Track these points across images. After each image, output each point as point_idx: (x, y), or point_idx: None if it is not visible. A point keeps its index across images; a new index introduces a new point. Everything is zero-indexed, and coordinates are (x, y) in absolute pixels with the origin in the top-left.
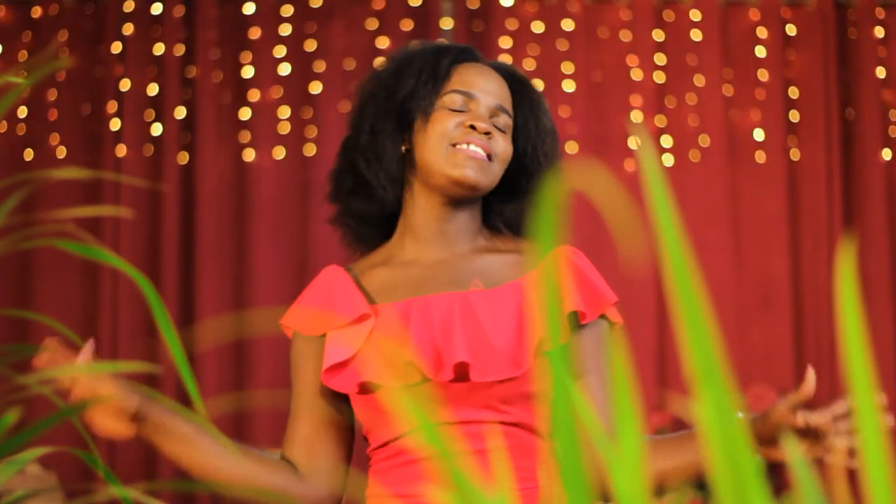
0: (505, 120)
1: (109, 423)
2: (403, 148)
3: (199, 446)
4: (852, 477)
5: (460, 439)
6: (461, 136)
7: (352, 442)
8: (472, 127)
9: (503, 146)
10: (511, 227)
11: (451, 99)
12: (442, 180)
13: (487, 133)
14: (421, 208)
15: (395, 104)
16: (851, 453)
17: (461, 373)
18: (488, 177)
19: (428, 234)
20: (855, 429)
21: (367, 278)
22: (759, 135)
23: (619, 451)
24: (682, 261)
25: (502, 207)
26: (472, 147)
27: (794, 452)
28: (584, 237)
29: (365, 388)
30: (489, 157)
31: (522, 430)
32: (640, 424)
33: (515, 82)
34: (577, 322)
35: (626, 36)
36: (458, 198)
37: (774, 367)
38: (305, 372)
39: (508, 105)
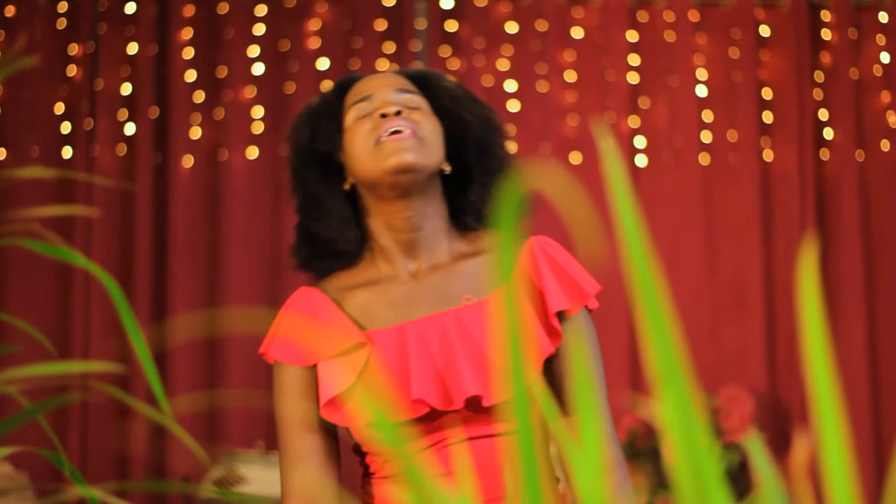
0: (415, 99)
1: None
2: (346, 186)
3: None
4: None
5: (473, 456)
6: (377, 130)
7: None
8: (383, 116)
9: (423, 119)
10: (479, 218)
11: (354, 112)
12: (384, 178)
13: (399, 112)
14: (380, 226)
15: (310, 154)
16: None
17: (473, 404)
18: (423, 153)
19: (397, 248)
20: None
21: (347, 302)
22: (732, 136)
23: (581, 448)
24: (644, 262)
25: (463, 199)
26: (392, 134)
27: (757, 453)
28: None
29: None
30: (414, 133)
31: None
32: (607, 423)
33: (414, 76)
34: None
35: (599, 37)
36: (408, 189)
37: (747, 368)
38: (294, 406)
39: (411, 87)
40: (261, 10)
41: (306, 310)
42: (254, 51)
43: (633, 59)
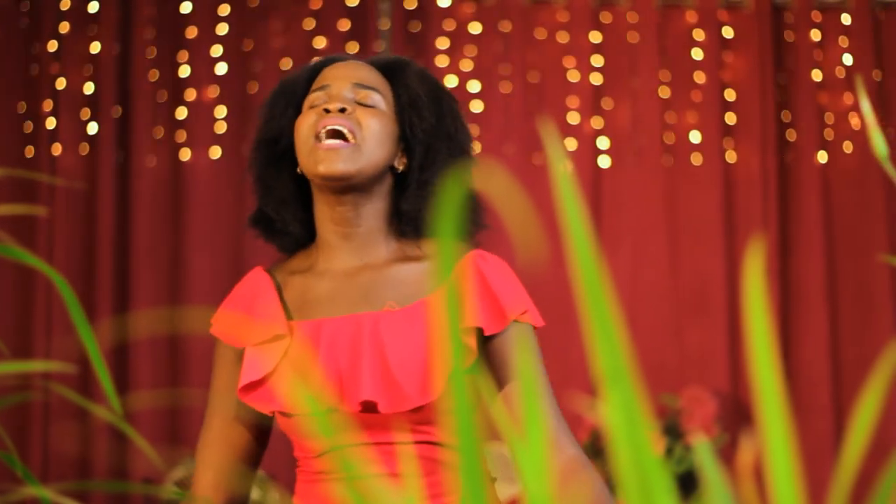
0: (372, 96)
1: None
2: (298, 170)
3: None
4: (760, 478)
5: (374, 461)
6: (317, 124)
7: (263, 446)
8: (327, 111)
9: (370, 121)
10: (416, 226)
11: (310, 99)
12: (318, 180)
13: (343, 110)
14: (322, 216)
15: (265, 133)
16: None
17: (368, 408)
18: (356, 159)
19: (335, 241)
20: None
21: (287, 288)
22: (695, 137)
23: (526, 447)
24: (590, 263)
25: (400, 203)
26: (327, 139)
27: (703, 453)
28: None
29: (281, 411)
30: (350, 137)
31: (439, 448)
32: (560, 427)
33: (385, 66)
34: (482, 335)
35: (563, 37)
36: (343, 189)
37: (710, 369)
38: (220, 379)
39: (374, 82)
40: (224, 9)
41: (248, 292)
42: (217, 50)
43: (597, 60)
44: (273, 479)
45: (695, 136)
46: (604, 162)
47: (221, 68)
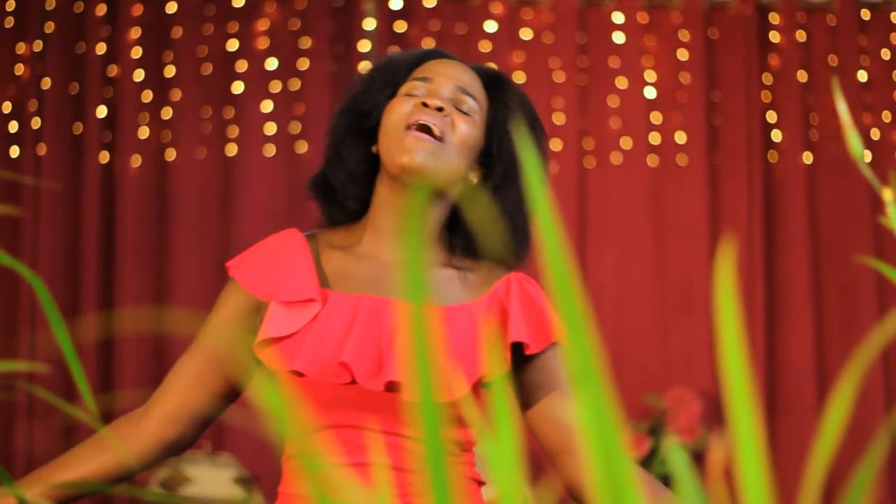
0: (469, 104)
1: None
2: (374, 149)
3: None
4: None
5: (378, 450)
6: (411, 115)
7: (230, 402)
8: (425, 105)
9: (462, 127)
10: (468, 242)
11: (409, 86)
12: (394, 168)
13: (441, 109)
14: (384, 203)
15: (355, 104)
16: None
17: (391, 388)
18: (439, 161)
19: (388, 230)
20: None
21: (325, 259)
22: (680, 138)
23: (496, 444)
24: (561, 263)
25: (461, 216)
26: (419, 131)
27: (674, 453)
28: None
29: (295, 373)
30: (441, 138)
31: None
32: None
33: (490, 78)
34: (523, 352)
35: (548, 38)
36: (412, 188)
37: (695, 369)
38: (222, 319)
39: (475, 91)
40: (209, 10)
41: (281, 248)
42: (202, 51)
43: (582, 61)
44: (257, 481)
45: (680, 137)
46: (589, 162)
47: (206, 68)
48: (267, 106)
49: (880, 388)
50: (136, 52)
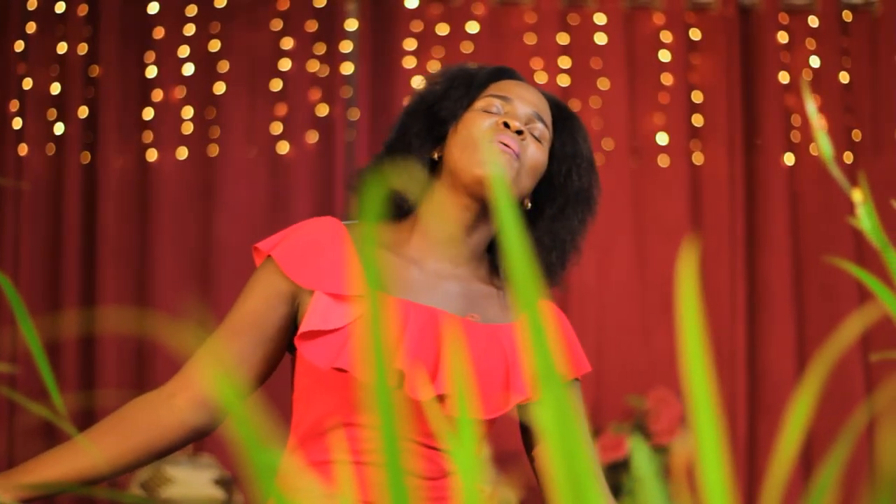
0: (541, 130)
1: None
2: (436, 155)
3: (73, 467)
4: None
5: (414, 459)
6: (494, 134)
7: (257, 388)
8: (506, 125)
9: (534, 152)
10: (502, 270)
11: (486, 102)
12: (468, 178)
13: (520, 133)
14: (442, 211)
15: (426, 107)
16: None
17: (434, 402)
18: (515, 179)
19: (440, 237)
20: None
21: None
22: (662, 139)
23: (458, 442)
24: (524, 264)
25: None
26: (502, 145)
27: (638, 452)
28: None
29: (338, 370)
30: (519, 157)
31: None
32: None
33: (558, 109)
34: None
35: (530, 39)
36: (480, 199)
37: (676, 370)
38: (259, 302)
39: (548, 119)
40: (191, 10)
41: (321, 236)
42: (184, 51)
43: (564, 62)
44: (237, 482)
45: (662, 138)
46: None
47: (188, 69)
48: (249, 107)
49: (861, 387)
50: (118, 53)
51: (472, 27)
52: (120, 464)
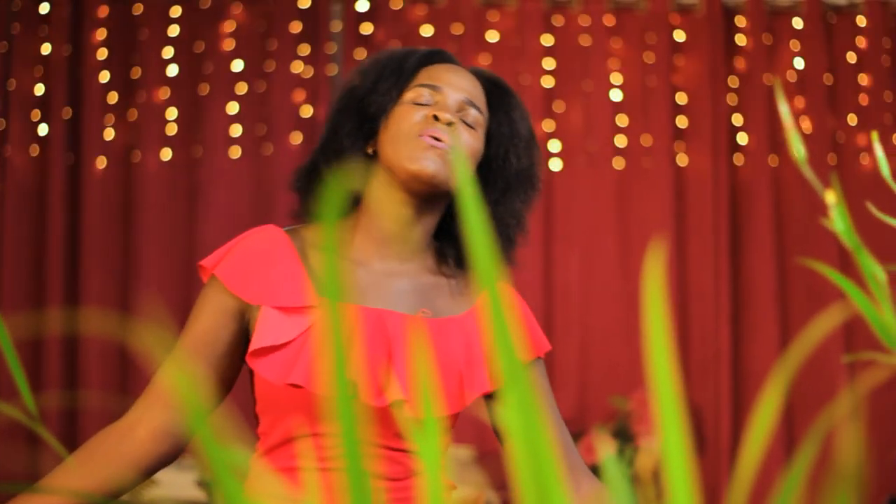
0: (474, 116)
1: None
2: (370, 150)
3: None
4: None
5: (378, 462)
6: (423, 128)
7: (218, 405)
8: (436, 118)
9: (469, 141)
10: (459, 252)
11: (416, 93)
12: (402, 175)
13: (451, 124)
14: (381, 209)
15: (356, 102)
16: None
17: (394, 406)
18: (448, 167)
19: (383, 235)
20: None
21: (313, 260)
22: (646, 140)
23: (423, 439)
24: (489, 264)
25: (454, 226)
26: (432, 139)
27: (605, 452)
28: None
29: (293, 386)
30: (451, 149)
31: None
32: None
33: (492, 85)
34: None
35: (514, 40)
36: (420, 196)
37: None
38: (207, 322)
39: (480, 102)
40: (175, 11)
41: (266, 248)
42: (168, 52)
43: (548, 63)
44: None
45: (646, 140)
46: (555, 165)
47: (173, 70)
48: (233, 108)
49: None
50: (102, 54)
51: (457, 28)
52: (91, 502)
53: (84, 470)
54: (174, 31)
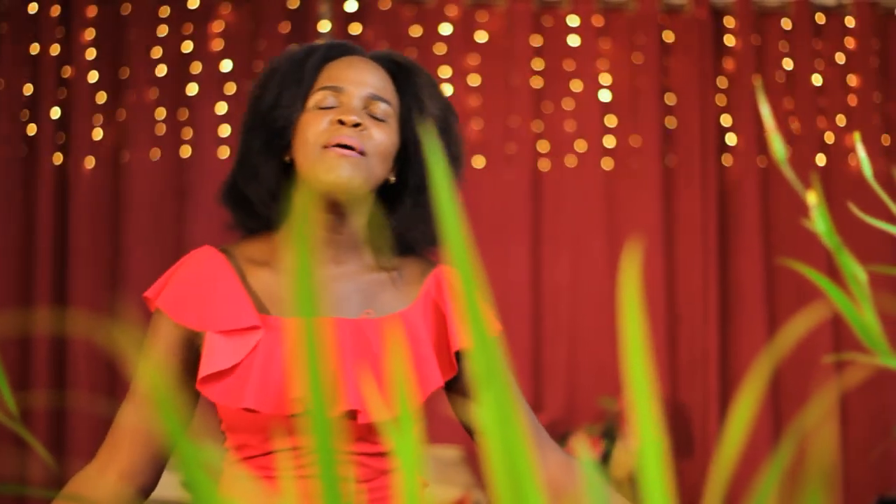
0: (383, 108)
1: None
2: (287, 158)
3: None
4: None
5: (348, 467)
6: (330, 135)
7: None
8: (341, 122)
9: (379, 137)
10: (398, 241)
11: (320, 97)
12: (319, 186)
13: (358, 125)
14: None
15: (262, 117)
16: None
17: (349, 416)
18: (363, 172)
19: (315, 243)
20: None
21: (251, 278)
22: (635, 141)
23: (399, 435)
24: (466, 265)
25: (389, 217)
26: (342, 147)
27: (582, 452)
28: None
29: (247, 410)
30: (363, 151)
31: (388, 460)
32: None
33: (397, 69)
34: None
35: (503, 40)
36: (341, 203)
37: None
38: (169, 354)
39: (387, 93)
40: (164, 11)
41: (204, 272)
42: (157, 52)
43: (537, 64)
44: None
45: (635, 140)
46: (544, 165)
47: (161, 70)
48: (221, 108)
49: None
50: (91, 54)
51: (445, 29)
52: None
53: None
54: (163, 31)
